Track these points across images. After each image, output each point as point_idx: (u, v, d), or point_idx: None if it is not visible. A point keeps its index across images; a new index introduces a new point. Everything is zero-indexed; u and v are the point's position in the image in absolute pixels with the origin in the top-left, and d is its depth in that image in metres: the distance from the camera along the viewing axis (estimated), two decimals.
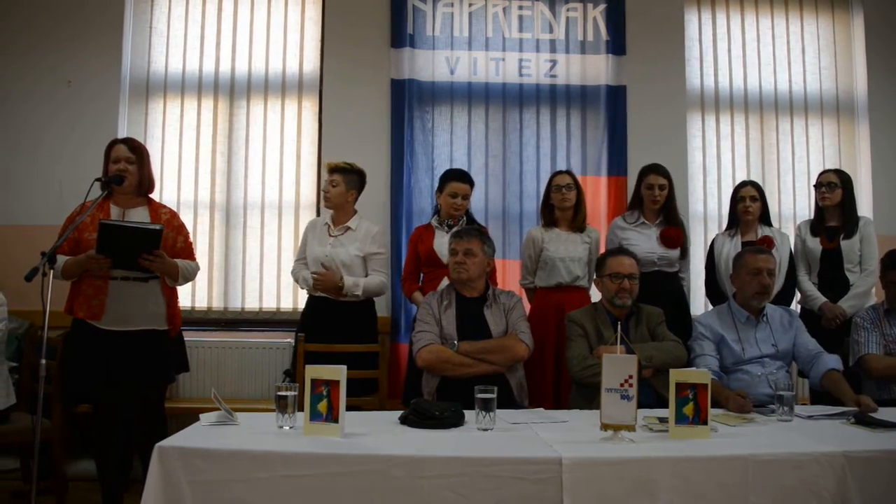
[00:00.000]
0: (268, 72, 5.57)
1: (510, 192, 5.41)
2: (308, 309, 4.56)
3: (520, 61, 5.54)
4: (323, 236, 4.53)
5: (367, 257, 4.47)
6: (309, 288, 4.46)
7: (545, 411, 3.26)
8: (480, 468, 2.37)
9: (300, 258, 4.60)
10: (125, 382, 3.77)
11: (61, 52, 5.47)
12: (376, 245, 4.52)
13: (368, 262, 4.48)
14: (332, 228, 4.54)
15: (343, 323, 4.36)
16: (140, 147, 3.97)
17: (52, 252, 3.45)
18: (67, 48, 5.47)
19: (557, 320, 4.31)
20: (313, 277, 4.35)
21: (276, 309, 5.38)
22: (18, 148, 5.43)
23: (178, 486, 2.44)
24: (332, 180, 4.51)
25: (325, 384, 2.63)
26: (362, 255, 4.46)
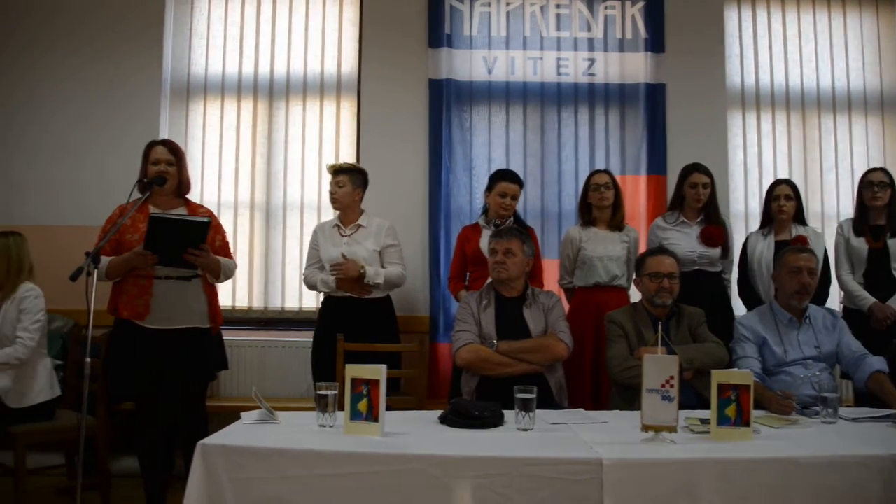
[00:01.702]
0: (306, 73, 5.60)
1: (549, 191, 5.39)
2: (326, 309, 4.59)
3: (558, 60, 5.52)
4: (335, 237, 4.55)
5: (383, 251, 4.51)
6: (329, 289, 4.48)
7: (585, 412, 3.25)
8: (520, 468, 2.36)
9: (312, 263, 4.61)
10: (168, 380, 3.82)
11: (103, 55, 5.56)
12: (391, 238, 4.56)
13: (385, 255, 4.52)
14: (343, 228, 4.57)
15: (364, 322, 4.38)
16: (178, 148, 4.02)
17: (96, 252, 3.51)
18: (109, 51, 5.56)
19: (596, 320, 4.29)
20: (334, 266, 4.37)
21: (316, 308, 5.38)
22: (61, 150, 5.52)
23: (220, 484, 2.47)
24: (337, 181, 4.54)
25: (365, 383, 2.64)
26: (378, 250, 4.49)
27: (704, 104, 5.53)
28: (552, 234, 5.30)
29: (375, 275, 4.40)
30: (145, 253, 3.64)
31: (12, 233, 4.25)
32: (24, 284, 4.13)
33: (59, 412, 4.24)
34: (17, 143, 5.56)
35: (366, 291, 4.42)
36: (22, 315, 4.04)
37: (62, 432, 4.17)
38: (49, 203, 5.48)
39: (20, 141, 5.56)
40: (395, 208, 5.21)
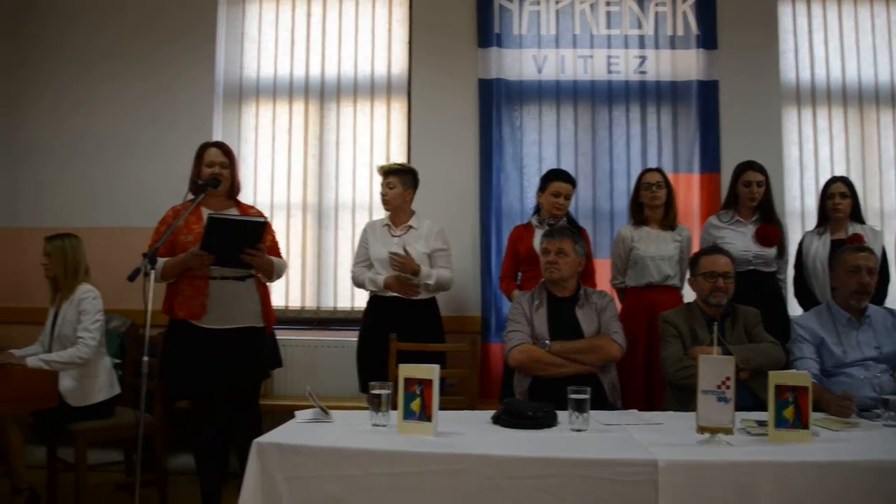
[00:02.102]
0: (357, 74, 5.64)
1: (600, 190, 5.35)
2: (372, 309, 4.60)
3: (608, 58, 5.47)
4: (385, 237, 4.57)
5: (432, 254, 4.52)
6: (377, 288, 4.49)
7: (639, 413, 3.22)
8: (574, 469, 2.35)
9: (360, 261, 4.62)
10: (224, 379, 3.86)
11: (158, 61, 5.66)
12: (441, 241, 4.56)
13: (434, 258, 4.52)
14: (394, 228, 4.58)
15: (410, 322, 4.39)
16: (231, 151, 4.07)
17: (152, 253, 3.57)
18: (163, 56, 5.66)
19: (649, 320, 4.27)
20: (394, 257, 4.37)
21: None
22: (116, 153, 5.64)
23: (275, 482, 2.50)
24: (388, 182, 4.55)
25: (419, 383, 2.65)
26: (428, 253, 4.50)
27: (758, 101, 5.44)
28: (604, 233, 5.26)
29: (428, 275, 4.42)
30: (202, 253, 3.68)
31: (68, 235, 4.34)
32: (82, 286, 4.22)
33: (118, 410, 4.32)
34: (73, 146, 5.69)
35: (413, 293, 4.44)
36: (82, 316, 4.12)
37: (121, 430, 4.24)
38: (105, 205, 5.60)
39: (76, 144, 5.69)
40: (446, 208, 5.22)
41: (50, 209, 5.62)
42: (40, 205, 5.66)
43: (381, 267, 4.48)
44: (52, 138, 5.71)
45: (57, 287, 4.32)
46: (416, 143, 5.48)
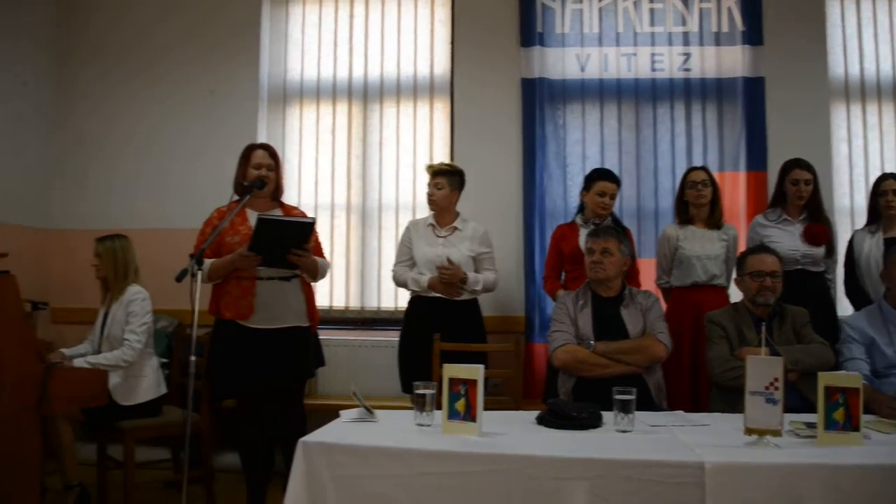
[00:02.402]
0: (399, 75, 5.66)
1: (645, 189, 5.30)
2: (413, 309, 4.61)
3: (652, 56, 5.42)
4: (430, 237, 4.57)
5: (477, 257, 4.51)
6: (420, 288, 4.49)
7: (685, 414, 3.17)
8: (619, 470, 2.33)
9: (403, 260, 4.63)
10: (270, 378, 3.89)
11: (203, 64, 5.75)
12: (485, 245, 4.56)
13: (479, 261, 4.52)
14: (439, 229, 4.58)
15: (450, 323, 4.38)
16: (276, 153, 4.10)
17: (200, 254, 3.62)
18: (209, 59, 5.74)
19: (694, 320, 4.23)
20: (441, 269, 4.38)
21: None
22: (164, 155, 5.74)
23: (321, 480, 2.52)
24: (436, 183, 4.55)
25: (463, 383, 2.65)
26: (473, 255, 4.49)
27: (806, 97, 5.35)
28: (648, 232, 5.21)
29: (475, 282, 4.42)
30: (249, 254, 3.71)
31: (118, 236, 4.40)
32: (132, 287, 4.29)
33: (166, 408, 4.39)
34: (120, 149, 5.79)
35: (456, 294, 4.45)
36: (130, 317, 4.19)
37: (168, 428, 4.31)
38: (152, 206, 5.68)
39: (124, 147, 5.79)
40: (489, 208, 5.21)
41: (99, 211, 5.72)
42: (90, 207, 5.77)
43: (425, 267, 4.49)
44: (101, 141, 5.83)
45: (107, 287, 4.40)
46: (459, 143, 5.48)
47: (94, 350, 4.36)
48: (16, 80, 5.42)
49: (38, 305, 4.84)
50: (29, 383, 3.38)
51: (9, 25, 5.32)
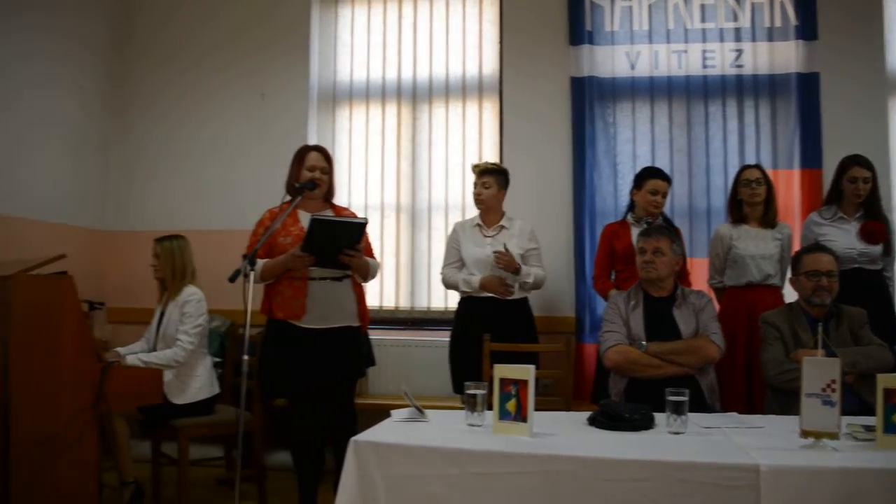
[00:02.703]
0: (448, 75, 5.67)
1: (696, 187, 5.22)
2: (464, 310, 4.61)
3: (703, 52, 5.35)
4: (477, 237, 4.57)
5: (525, 254, 4.50)
6: (471, 288, 4.49)
7: (738, 416, 3.13)
8: (672, 472, 2.31)
9: (452, 262, 4.63)
10: (321, 378, 3.92)
11: (254, 67, 5.82)
12: (533, 242, 4.56)
13: (527, 258, 4.51)
14: (486, 229, 4.58)
15: (501, 323, 4.37)
16: (330, 156, 4.14)
17: (252, 254, 3.65)
18: (259, 62, 5.81)
19: (748, 321, 4.17)
20: (497, 255, 4.36)
21: None
22: (216, 157, 5.82)
23: (372, 480, 2.53)
24: (483, 182, 4.55)
25: (514, 384, 2.65)
26: (522, 252, 4.48)
27: (862, 92, 5.22)
28: (700, 231, 5.14)
29: (527, 274, 4.41)
30: (302, 255, 3.73)
31: (176, 236, 4.47)
32: (188, 288, 4.35)
33: (219, 407, 4.45)
34: (174, 151, 5.90)
35: (508, 293, 4.43)
36: (184, 318, 4.25)
37: (222, 426, 4.37)
38: (204, 207, 5.77)
39: (177, 149, 5.89)
40: (539, 207, 5.20)
41: (153, 213, 5.83)
42: (144, 208, 5.88)
43: (475, 268, 4.49)
44: (155, 143, 5.94)
45: (164, 287, 4.47)
46: (508, 143, 5.47)
47: (150, 348, 4.43)
48: (73, 84, 5.54)
49: (94, 305, 4.94)
50: (86, 382, 3.45)
51: (65, 31, 5.43)
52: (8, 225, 4.86)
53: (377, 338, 5.17)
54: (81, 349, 3.46)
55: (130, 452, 4.20)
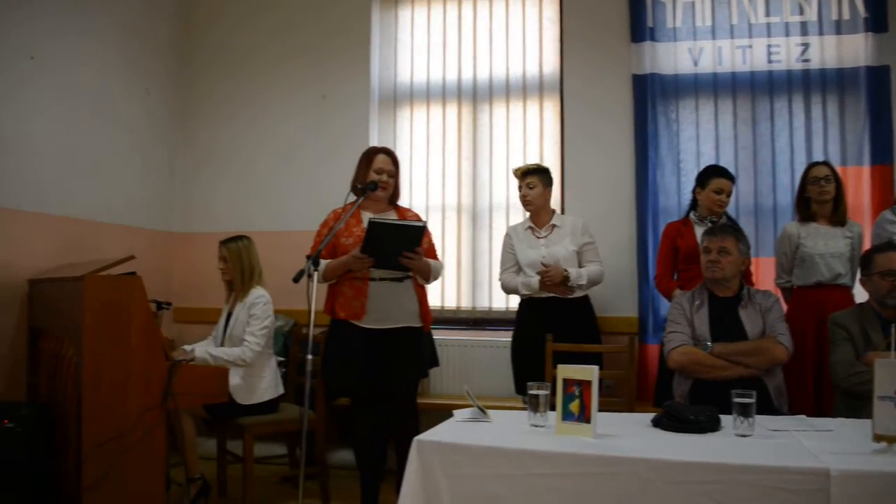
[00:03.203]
0: (508, 75, 5.64)
1: (762, 185, 5.11)
2: (525, 310, 4.60)
3: (768, 47, 5.23)
4: (530, 240, 4.56)
5: (580, 250, 4.47)
6: (532, 291, 4.47)
7: (807, 419, 3.05)
8: (739, 476, 2.26)
9: (508, 267, 4.62)
10: (383, 377, 3.96)
11: (315, 69, 5.89)
12: (587, 236, 4.52)
13: (583, 253, 4.49)
14: (537, 230, 4.56)
15: (563, 322, 4.36)
16: (398, 159, 4.17)
17: (316, 255, 3.71)
18: (321, 64, 5.88)
19: (817, 322, 4.08)
20: (541, 271, 4.36)
21: None
22: (280, 159, 5.90)
23: (435, 479, 2.54)
24: (528, 183, 4.54)
25: (577, 384, 2.63)
26: (576, 249, 4.45)
27: None
28: (767, 230, 5.03)
29: (578, 277, 4.39)
30: (362, 256, 3.78)
31: (242, 237, 4.53)
32: (255, 290, 4.40)
33: (283, 406, 4.50)
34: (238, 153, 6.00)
35: (569, 291, 4.42)
36: (251, 320, 4.31)
37: (285, 425, 4.43)
38: (268, 209, 5.86)
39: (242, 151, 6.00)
40: (601, 207, 5.16)
41: (218, 214, 5.95)
42: (210, 210, 6.01)
43: (532, 270, 4.48)
44: (219, 146, 6.05)
45: (232, 288, 4.54)
46: (570, 142, 5.42)
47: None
48: (139, 89, 5.67)
49: (162, 305, 5.04)
50: (155, 380, 3.54)
51: (132, 37, 5.56)
52: (80, 227, 4.99)
53: (438, 338, 5.18)
54: (150, 348, 3.54)
55: (197, 449, 4.27)
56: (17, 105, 4.55)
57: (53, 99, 4.82)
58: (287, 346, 5.19)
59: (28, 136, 4.62)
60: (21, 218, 4.54)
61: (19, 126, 4.56)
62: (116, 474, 3.41)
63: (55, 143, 4.83)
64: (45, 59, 4.73)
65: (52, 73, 4.79)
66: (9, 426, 3.53)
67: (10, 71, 4.50)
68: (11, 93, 4.50)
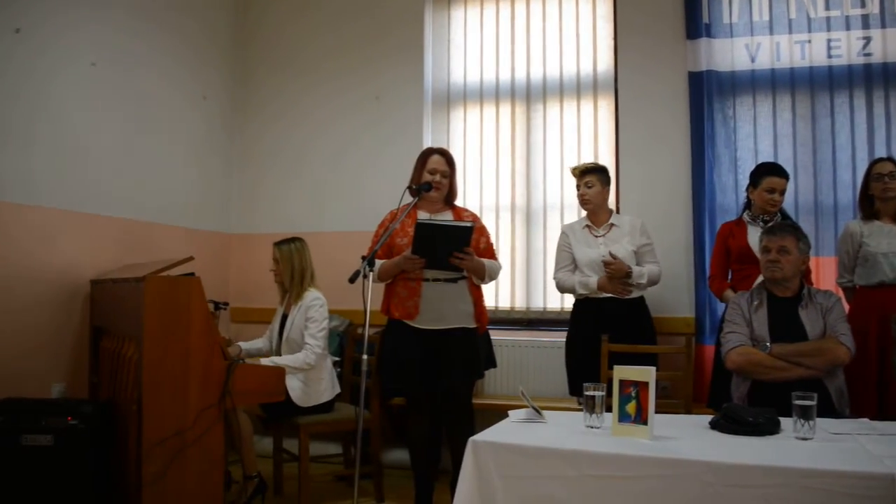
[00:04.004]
0: (562, 74, 5.60)
1: (822, 183, 4.99)
2: (580, 310, 4.57)
3: (828, 42, 5.11)
4: (588, 239, 4.52)
5: (638, 250, 4.43)
6: (589, 290, 4.44)
7: (870, 422, 2.98)
8: (800, 480, 2.22)
9: (564, 266, 4.59)
10: (438, 378, 3.97)
11: (369, 70, 5.92)
12: (645, 237, 4.49)
13: (641, 254, 4.45)
14: (595, 229, 4.52)
15: (619, 323, 4.32)
16: (453, 159, 4.18)
17: (371, 256, 3.74)
18: (374, 66, 5.91)
19: (880, 322, 3.97)
20: (607, 261, 4.32)
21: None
22: (334, 160, 5.95)
23: (490, 479, 2.55)
24: (586, 182, 4.51)
25: (634, 385, 2.61)
26: (635, 249, 4.41)
27: None
28: (827, 229, 4.91)
29: (640, 275, 4.35)
30: (413, 257, 3.81)
31: (295, 239, 4.59)
32: (310, 292, 4.45)
33: (338, 405, 4.54)
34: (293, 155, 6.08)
35: (627, 291, 4.37)
36: (309, 323, 4.36)
37: (341, 424, 4.48)
38: (323, 210, 5.92)
39: (296, 154, 6.07)
40: (656, 205, 5.11)
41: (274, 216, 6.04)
42: (266, 212, 6.09)
43: (589, 269, 4.45)
44: (274, 148, 6.14)
45: (285, 290, 4.60)
46: (624, 141, 5.37)
47: (272, 348, 4.56)
48: (196, 95, 5.77)
49: (219, 305, 5.12)
50: (213, 379, 3.59)
51: (188, 43, 5.68)
52: (139, 229, 5.10)
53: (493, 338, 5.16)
54: (209, 347, 3.60)
55: (254, 447, 4.33)
56: (80, 110, 4.67)
57: (114, 104, 4.94)
58: (342, 346, 5.23)
59: (89, 141, 4.74)
60: (84, 220, 4.65)
61: (81, 131, 4.68)
62: (176, 471, 3.47)
63: (115, 148, 4.95)
64: (105, 66, 4.85)
65: (112, 79, 4.92)
66: (72, 423, 3.61)
67: (72, 77, 4.62)
68: (73, 98, 4.62)
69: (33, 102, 4.37)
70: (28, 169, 4.32)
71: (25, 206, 4.30)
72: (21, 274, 4.26)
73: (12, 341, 4.20)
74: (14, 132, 4.25)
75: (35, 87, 4.37)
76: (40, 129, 4.41)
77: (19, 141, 4.27)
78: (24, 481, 3.57)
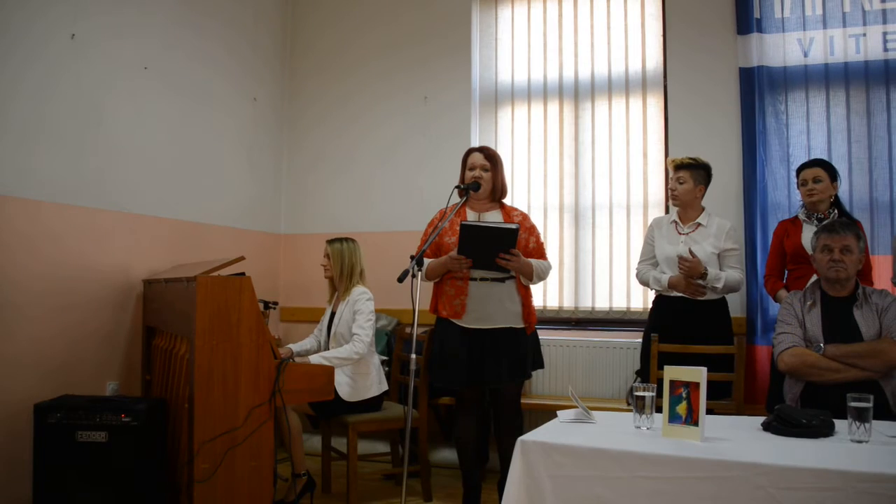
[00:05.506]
0: (610, 71, 5.56)
1: (878, 179, 4.87)
2: (658, 309, 4.50)
3: (884, 35, 4.98)
4: (671, 235, 4.44)
5: (721, 254, 4.33)
6: (661, 287, 4.39)
7: None
8: (856, 484, 2.19)
9: (646, 259, 4.55)
10: (486, 378, 3.97)
11: (416, 70, 5.95)
12: (731, 241, 4.36)
13: (724, 258, 4.35)
14: (681, 226, 4.44)
15: (697, 323, 4.25)
16: (494, 154, 4.18)
17: (419, 255, 3.76)
18: (422, 66, 5.94)
19: None
20: (682, 258, 4.25)
21: (626, 309, 5.34)
22: (383, 161, 5.99)
23: (538, 479, 2.56)
24: (678, 177, 4.42)
25: (685, 386, 2.58)
26: (717, 252, 4.32)
27: None
28: (883, 227, 4.79)
29: (716, 278, 4.24)
30: (459, 257, 3.83)
31: (347, 238, 4.63)
32: (357, 288, 4.49)
33: (386, 404, 4.57)
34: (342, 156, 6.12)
35: (700, 293, 4.30)
36: (356, 315, 4.40)
37: (389, 423, 4.50)
38: (373, 210, 5.95)
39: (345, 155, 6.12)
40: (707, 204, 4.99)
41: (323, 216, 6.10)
42: (315, 212, 6.15)
43: (666, 265, 4.40)
44: (324, 149, 6.19)
45: (334, 287, 4.64)
46: (674, 138, 5.31)
47: (321, 345, 4.60)
48: (247, 97, 5.84)
49: (269, 305, 5.17)
50: (264, 377, 3.64)
51: (239, 47, 5.76)
52: (191, 230, 5.18)
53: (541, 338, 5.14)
54: (259, 346, 3.64)
55: (302, 445, 4.37)
56: (133, 113, 4.75)
57: (166, 107, 5.02)
58: (390, 345, 5.26)
59: (142, 143, 4.82)
60: (136, 221, 4.74)
61: (134, 133, 4.76)
62: (226, 468, 3.52)
63: (168, 150, 5.04)
64: (158, 70, 4.93)
65: (164, 83, 5.00)
66: (126, 420, 3.68)
67: (125, 80, 4.70)
68: (127, 101, 4.71)
69: (88, 107, 4.46)
70: (83, 172, 4.41)
71: (80, 208, 4.39)
72: (76, 275, 4.35)
73: (69, 340, 4.30)
74: (69, 137, 4.33)
75: (89, 91, 4.46)
76: (95, 132, 4.49)
77: (75, 145, 4.36)
78: (80, 476, 3.64)
